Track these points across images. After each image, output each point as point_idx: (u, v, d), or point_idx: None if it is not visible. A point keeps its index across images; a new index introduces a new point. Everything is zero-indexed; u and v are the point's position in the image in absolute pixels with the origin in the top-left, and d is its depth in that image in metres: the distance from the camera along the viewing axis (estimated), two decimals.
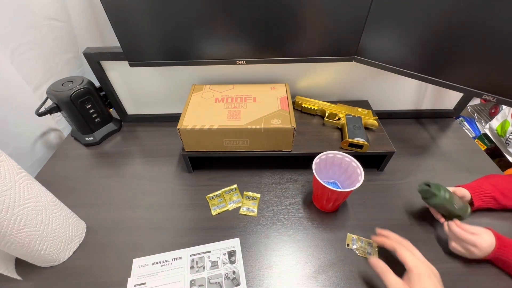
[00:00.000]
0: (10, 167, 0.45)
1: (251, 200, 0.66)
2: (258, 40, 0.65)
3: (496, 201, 0.60)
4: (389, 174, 0.73)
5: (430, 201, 0.56)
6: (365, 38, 0.63)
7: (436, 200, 0.55)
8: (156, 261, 0.55)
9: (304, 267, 0.55)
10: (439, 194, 0.54)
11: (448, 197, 0.54)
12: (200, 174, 0.74)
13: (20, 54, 0.74)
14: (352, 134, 0.67)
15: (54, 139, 0.88)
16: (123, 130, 0.89)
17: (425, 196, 0.56)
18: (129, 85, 0.82)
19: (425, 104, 0.88)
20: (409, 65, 0.64)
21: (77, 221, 0.60)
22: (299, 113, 0.81)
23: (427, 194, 0.56)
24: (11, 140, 0.73)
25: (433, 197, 0.55)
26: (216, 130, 0.62)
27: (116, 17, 0.60)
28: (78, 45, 0.96)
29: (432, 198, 0.55)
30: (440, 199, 0.54)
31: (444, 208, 0.56)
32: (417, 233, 0.60)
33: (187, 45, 0.66)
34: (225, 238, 0.59)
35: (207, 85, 0.75)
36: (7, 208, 0.43)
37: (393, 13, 0.58)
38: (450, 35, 0.55)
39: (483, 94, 0.58)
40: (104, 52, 0.72)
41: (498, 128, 1.17)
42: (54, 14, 0.84)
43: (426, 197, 0.56)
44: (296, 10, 0.59)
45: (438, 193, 0.54)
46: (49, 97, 0.75)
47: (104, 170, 0.76)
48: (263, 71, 0.78)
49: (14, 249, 0.48)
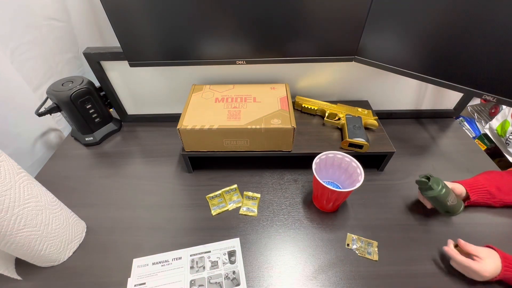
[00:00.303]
0: (10, 167, 0.45)
1: (251, 200, 0.66)
2: (258, 40, 0.65)
3: (492, 195, 0.61)
4: (389, 174, 0.73)
5: (425, 192, 0.57)
6: (365, 38, 0.63)
7: (430, 193, 0.56)
8: (156, 261, 0.55)
9: (304, 267, 0.55)
10: (436, 188, 0.55)
11: (443, 192, 0.55)
12: (200, 174, 0.74)
13: (20, 54, 0.74)
14: (352, 134, 0.67)
15: (54, 139, 0.88)
16: (123, 130, 0.89)
17: (422, 187, 0.58)
18: (129, 85, 0.82)
19: (425, 104, 0.88)
20: (409, 65, 0.64)
21: (77, 221, 0.60)
22: (299, 113, 0.81)
23: (423, 185, 0.57)
24: (11, 140, 0.73)
25: (429, 190, 0.56)
26: (216, 130, 0.62)
27: (116, 17, 0.60)
28: (78, 45, 0.96)
29: (427, 190, 0.56)
30: (435, 193, 0.55)
31: (437, 202, 0.57)
32: (417, 233, 0.60)
33: (187, 45, 0.66)
34: (225, 238, 0.59)
35: (207, 85, 0.75)
36: (7, 208, 0.43)
37: (393, 13, 0.58)
38: (450, 35, 0.55)
39: (483, 94, 0.58)
40: (104, 52, 0.72)
41: (498, 128, 1.17)
42: (54, 14, 0.84)
43: (422, 188, 0.58)
44: (296, 10, 0.59)
45: (435, 187, 0.55)
46: (49, 97, 0.75)
47: (104, 170, 0.76)
48: (263, 71, 0.78)
49: (14, 249, 0.48)
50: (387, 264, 0.55)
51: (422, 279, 0.53)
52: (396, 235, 0.59)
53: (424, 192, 0.57)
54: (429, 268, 0.54)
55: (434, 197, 0.56)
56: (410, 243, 0.58)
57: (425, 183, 0.56)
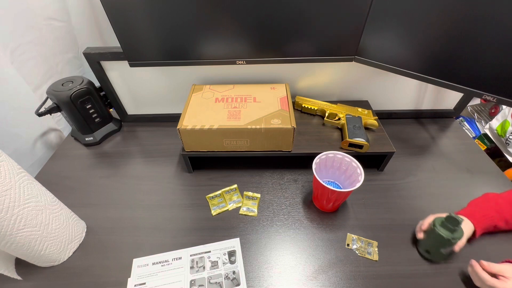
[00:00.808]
0: (10, 167, 0.45)
1: (251, 200, 0.66)
2: (258, 40, 0.65)
3: (498, 228, 0.57)
4: (389, 174, 0.73)
5: (442, 230, 0.50)
6: (365, 38, 0.63)
7: (447, 234, 0.49)
8: (156, 261, 0.55)
9: (304, 267, 0.55)
10: (458, 233, 0.49)
11: (458, 238, 0.49)
12: (200, 174, 0.74)
13: (20, 54, 0.74)
14: (352, 134, 0.67)
15: (54, 139, 0.88)
16: (123, 130, 0.89)
17: (445, 225, 0.50)
18: (129, 85, 0.82)
19: (425, 104, 0.88)
20: (409, 65, 0.64)
21: (77, 221, 0.60)
22: (299, 113, 0.81)
23: (452, 222, 0.49)
24: (11, 140, 0.73)
25: (452, 231, 0.49)
26: (216, 130, 0.62)
27: (116, 17, 0.60)
28: (78, 45, 0.96)
29: (449, 230, 0.50)
30: (451, 236, 0.49)
31: (439, 243, 0.51)
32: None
33: (187, 45, 0.66)
34: (225, 238, 0.59)
35: (207, 85, 0.75)
36: (7, 208, 0.43)
37: (393, 13, 0.58)
38: (450, 35, 0.55)
39: (483, 94, 0.58)
40: (104, 52, 0.72)
41: (498, 128, 1.17)
42: (54, 14, 0.84)
43: (446, 225, 0.50)
44: (296, 10, 0.59)
45: (459, 232, 0.50)
46: (49, 97, 0.75)
47: (104, 170, 0.76)
48: (263, 71, 0.78)
49: (14, 249, 0.48)
50: (387, 264, 0.55)
51: (422, 279, 0.53)
52: (396, 235, 0.59)
53: (441, 229, 0.50)
54: (429, 268, 0.54)
55: (445, 239, 0.49)
56: (410, 243, 0.58)
57: (457, 222, 0.48)
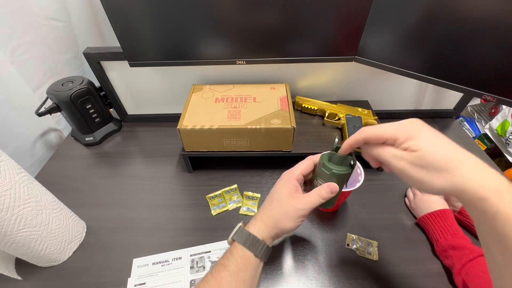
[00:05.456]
0: (10, 167, 0.45)
1: (251, 200, 0.66)
2: (258, 40, 0.65)
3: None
4: (389, 174, 0.72)
5: (334, 165, 0.43)
6: (365, 38, 0.63)
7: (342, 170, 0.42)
8: (156, 261, 0.55)
9: (304, 267, 0.55)
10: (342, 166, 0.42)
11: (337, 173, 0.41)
12: (200, 174, 0.74)
13: (20, 54, 0.74)
14: (352, 134, 0.67)
15: (54, 139, 0.88)
16: (123, 130, 0.89)
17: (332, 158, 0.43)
18: (129, 85, 0.82)
19: (425, 104, 0.88)
20: (409, 65, 0.64)
21: (77, 221, 0.60)
22: (299, 113, 0.81)
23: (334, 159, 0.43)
24: (11, 140, 0.73)
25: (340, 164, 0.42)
26: (216, 130, 0.62)
27: (116, 17, 0.60)
28: (78, 45, 0.96)
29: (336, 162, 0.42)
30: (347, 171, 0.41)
31: (323, 177, 0.43)
32: (417, 233, 0.60)
33: (187, 45, 0.66)
34: (225, 238, 0.59)
35: (207, 85, 0.75)
36: (7, 208, 0.43)
37: (393, 13, 0.58)
38: (450, 35, 0.55)
39: (483, 94, 0.58)
40: (104, 52, 0.72)
41: (498, 128, 1.17)
42: (54, 14, 0.84)
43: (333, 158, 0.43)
44: (296, 10, 0.59)
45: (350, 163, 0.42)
46: (49, 97, 0.75)
47: (104, 170, 0.76)
48: (263, 71, 0.78)
49: (14, 249, 0.48)
50: (387, 264, 0.55)
51: (422, 279, 0.52)
52: (396, 235, 0.59)
53: (332, 164, 0.42)
54: (429, 268, 0.54)
55: (342, 175, 0.41)
56: (410, 243, 0.58)
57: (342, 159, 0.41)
